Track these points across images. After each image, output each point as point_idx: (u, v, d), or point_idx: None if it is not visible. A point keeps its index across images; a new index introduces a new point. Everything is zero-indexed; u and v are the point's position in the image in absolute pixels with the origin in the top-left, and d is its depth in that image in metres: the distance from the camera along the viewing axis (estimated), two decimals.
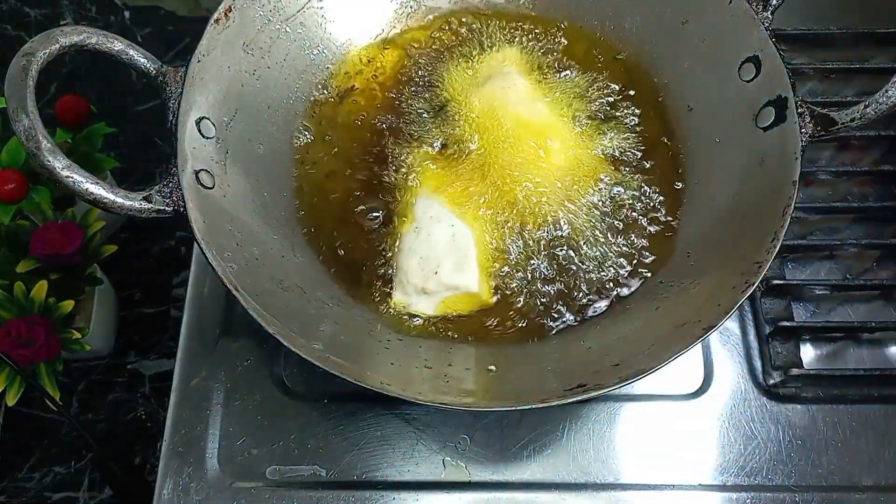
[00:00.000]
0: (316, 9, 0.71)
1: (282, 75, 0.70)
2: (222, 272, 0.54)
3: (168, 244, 1.24)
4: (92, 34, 0.56)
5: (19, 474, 1.09)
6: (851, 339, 0.70)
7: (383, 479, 0.65)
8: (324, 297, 0.62)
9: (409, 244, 0.65)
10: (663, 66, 0.72)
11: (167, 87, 0.59)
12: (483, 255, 0.65)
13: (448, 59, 0.75)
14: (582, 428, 0.66)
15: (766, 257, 0.55)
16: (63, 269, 0.98)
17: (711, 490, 0.64)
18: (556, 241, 0.65)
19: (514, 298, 0.64)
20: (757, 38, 0.63)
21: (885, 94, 0.56)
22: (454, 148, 0.69)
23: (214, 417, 0.67)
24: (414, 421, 0.67)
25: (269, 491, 0.64)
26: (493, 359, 0.60)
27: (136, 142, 1.29)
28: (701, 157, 0.68)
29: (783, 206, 0.56)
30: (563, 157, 0.68)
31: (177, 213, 0.55)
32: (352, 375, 0.52)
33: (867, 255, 0.73)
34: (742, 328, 0.70)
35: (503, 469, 0.65)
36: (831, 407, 0.67)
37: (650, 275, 0.64)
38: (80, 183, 0.52)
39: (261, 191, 0.65)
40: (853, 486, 0.64)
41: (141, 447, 1.11)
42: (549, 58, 0.74)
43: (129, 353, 1.17)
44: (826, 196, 0.76)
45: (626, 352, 0.57)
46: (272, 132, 0.69)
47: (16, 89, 0.51)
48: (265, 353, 0.69)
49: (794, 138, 0.58)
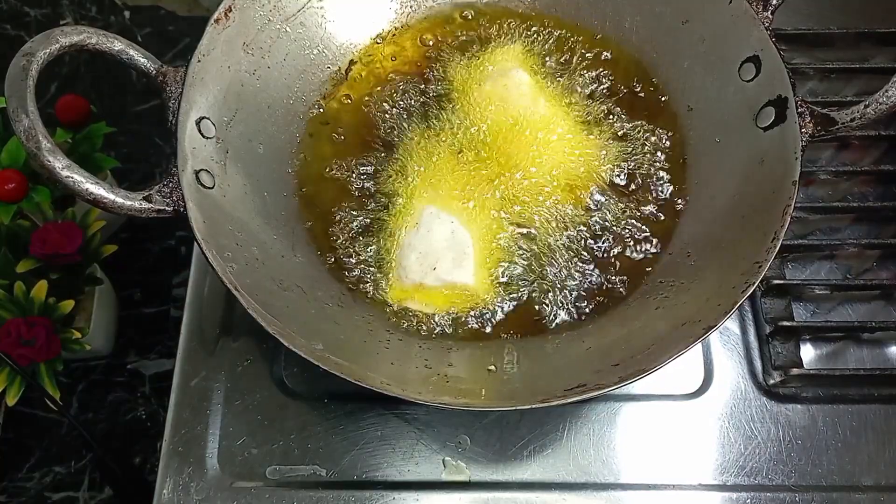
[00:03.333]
0: (316, 9, 0.71)
1: (282, 75, 0.70)
2: (222, 272, 0.54)
3: (168, 244, 1.24)
4: (92, 34, 0.56)
5: (19, 474, 1.09)
6: (851, 339, 0.70)
7: (383, 479, 0.65)
8: (324, 297, 0.62)
9: (408, 240, 0.65)
10: (663, 66, 0.72)
11: (167, 87, 0.59)
12: (483, 253, 0.65)
13: (449, 57, 0.75)
14: (582, 428, 0.66)
15: (766, 257, 0.55)
16: (63, 269, 0.98)
17: (711, 490, 0.64)
18: (557, 239, 0.65)
19: (513, 297, 0.64)
20: (757, 37, 0.63)
21: (885, 94, 0.56)
22: (455, 145, 0.69)
23: (214, 417, 0.67)
24: (414, 421, 0.67)
25: (269, 491, 0.64)
26: (493, 359, 0.60)
27: (136, 142, 1.29)
28: (701, 157, 0.68)
29: (783, 206, 0.56)
30: (564, 156, 0.68)
31: (177, 213, 0.55)
32: (352, 375, 0.52)
33: (867, 255, 0.73)
34: (742, 328, 0.70)
35: (503, 469, 0.65)
36: (831, 407, 0.67)
37: (650, 274, 0.64)
38: (80, 183, 0.52)
39: (261, 191, 0.65)
40: (853, 486, 0.64)
41: (141, 447, 1.11)
42: (549, 56, 0.74)
43: (129, 353, 1.17)
44: (826, 196, 0.76)
45: (626, 352, 0.57)
46: (272, 132, 0.69)
47: (16, 89, 0.51)
48: (265, 353, 0.69)
49: (794, 138, 0.58)
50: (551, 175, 0.67)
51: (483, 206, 0.66)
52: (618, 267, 0.65)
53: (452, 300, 0.63)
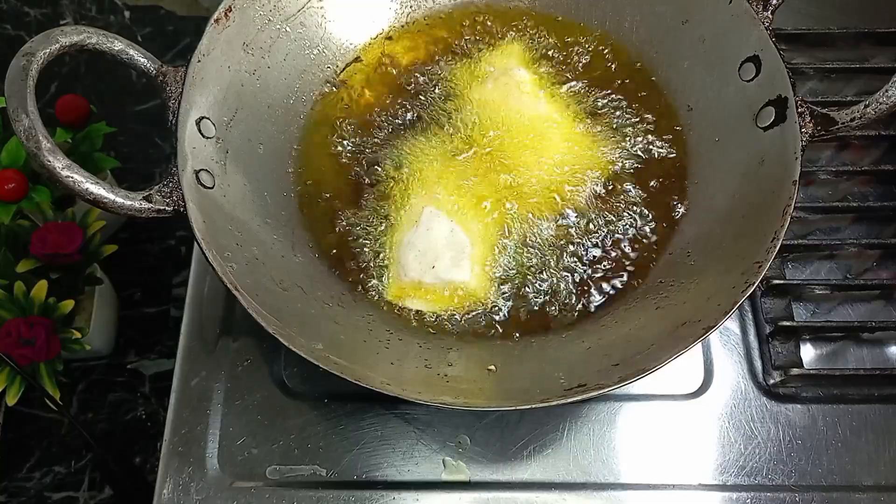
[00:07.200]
0: (316, 9, 0.71)
1: (282, 75, 0.70)
2: (222, 272, 0.54)
3: (168, 244, 1.24)
4: (92, 34, 0.56)
5: (19, 474, 1.09)
6: (851, 339, 0.70)
7: (383, 479, 0.65)
8: (324, 297, 0.62)
9: (407, 238, 0.65)
10: (663, 66, 0.72)
11: (167, 87, 0.59)
12: (482, 252, 0.65)
13: (450, 57, 0.75)
14: (582, 428, 0.66)
15: (766, 257, 0.55)
16: (63, 269, 0.98)
17: (711, 490, 0.64)
18: (557, 238, 0.65)
19: (513, 296, 0.64)
20: (757, 37, 0.63)
21: (885, 94, 0.56)
22: (455, 144, 0.69)
23: (214, 417, 0.67)
24: (414, 421, 0.67)
25: (269, 491, 0.64)
26: (493, 359, 0.60)
27: (136, 142, 1.29)
28: (701, 157, 0.68)
29: (783, 206, 0.56)
30: (564, 155, 0.68)
31: (177, 213, 0.56)
32: (352, 375, 0.52)
33: (867, 255, 0.73)
34: (742, 328, 0.70)
35: (503, 469, 0.65)
36: (831, 407, 0.67)
37: (650, 274, 0.64)
38: (80, 183, 0.52)
39: (261, 191, 0.65)
40: (853, 485, 0.64)
41: (141, 447, 1.11)
42: (549, 56, 0.74)
43: (129, 353, 1.17)
44: (826, 196, 0.76)
45: (626, 352, 0.57)
46: (272, 132, 0.69)
47: (16, 89, 0.51)
48: (265, 353, 0.69)
49: (795, 138, 0.58)
50: (551, 174, 0.67)
51: (483, 206, 0.66)
52: (617, 267, 0.65)
53: (451, 299, 0.63)
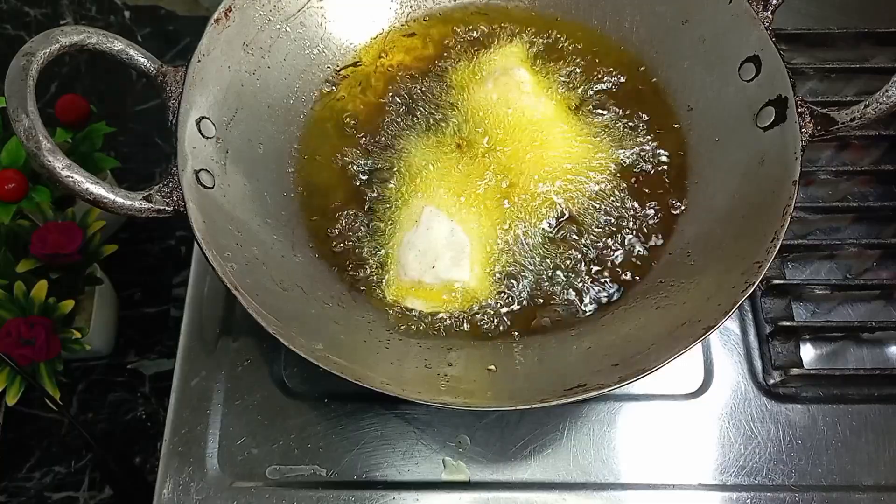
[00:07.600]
0: (316, 9, 0.71)
1: (282, 75, 0.70)
2: (222, 272, 0.54)
3: (168, 244, 1.24)
4: (92, 34, 0.56)
5: (19, 474, 1.09)
6: (851, 339, 0.70)
7: (383, 479, 0.65)
8: (324, 297, 0.62)
9: (408, 238, 0.65)
10: (663, 66, 0.72)
11: (167, 87, 0.59)
12: (482, 252, 0.65)
13: (449, 57, 0.75)
14: (582, 428, 0.66)
15: (766, 257, 0.55)
16: (63, 269, 0.98)
17: (711, 490, 0.64)
18: (557, 238, 0.65)
19: (513, 296, 0.64)
20: (757, 37, 0.63)
21: (885, 94, 0.56)
22: (456, 144, 0.69)
23: (214, 417, 0.67)
24: (414, 421, 0.67)
25: (269, 491, 0.64)
26: (493, 359, 0.60)
27: (136, 142, 1.29)
28: (701, 157, 0.68)
29: (783, 205, 0.56)
30: (565, 155, 0.68)
31: (177, 213, 0.56)
32: (352, 375, 0.52)
33: (867, 255, 0.73)
34: (742, 328, 0.70)
35: (503, 469, 0.65)
36: (831, 407, 0.67)
37: (650, 274, 0.64)
38: (80, 183, 0.52)
39: (261, 191, 0.65)
40: (853, 486, 0.64)
41: (141, 447, 1.11)
42: (550, 56, 0.74)
43: (129, 353, 1.17)
44: (826, 196, 0.76)
45: (625, 352, 0.57)
46: (272, 132, 0.69)
47: (16, 89, 0.51)
48: (265, 353, 0.69)
49: (795, 138, 0.58)
50: (551, 174, 0.67)
51: (483, 206, 0.66)
52: (617, 267, 0.65)
53: (451, 299, 0.63)
